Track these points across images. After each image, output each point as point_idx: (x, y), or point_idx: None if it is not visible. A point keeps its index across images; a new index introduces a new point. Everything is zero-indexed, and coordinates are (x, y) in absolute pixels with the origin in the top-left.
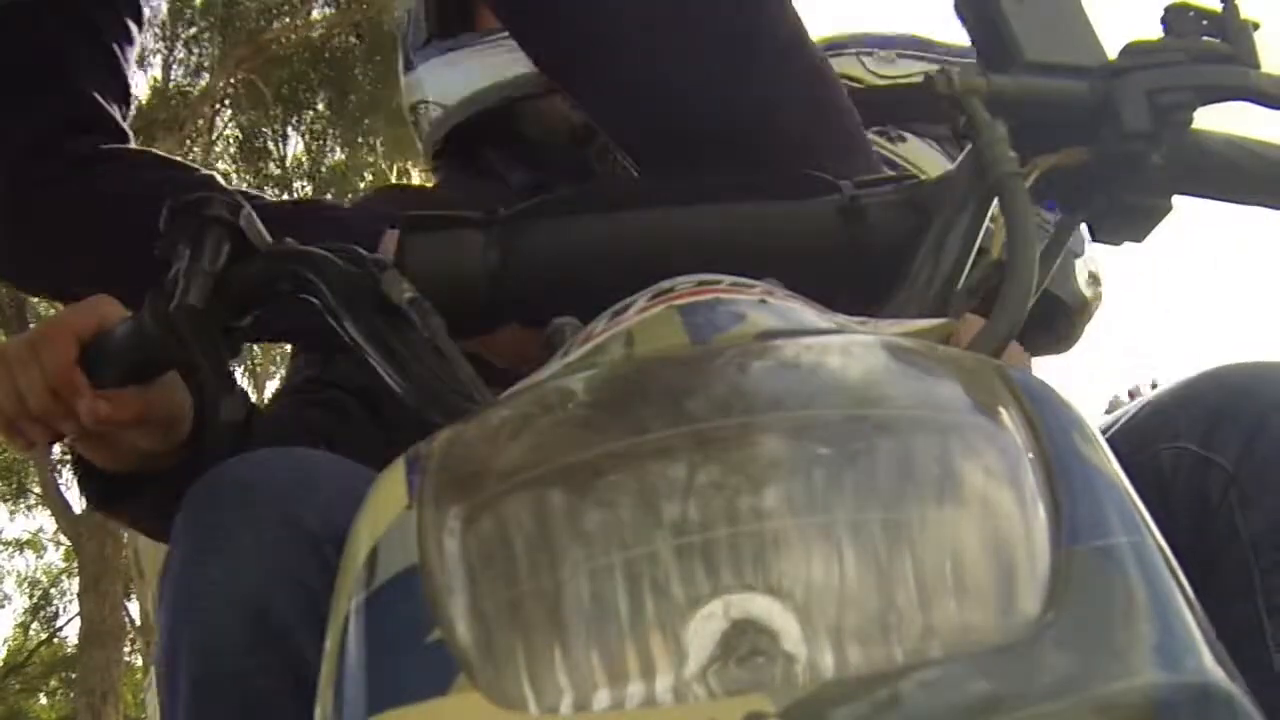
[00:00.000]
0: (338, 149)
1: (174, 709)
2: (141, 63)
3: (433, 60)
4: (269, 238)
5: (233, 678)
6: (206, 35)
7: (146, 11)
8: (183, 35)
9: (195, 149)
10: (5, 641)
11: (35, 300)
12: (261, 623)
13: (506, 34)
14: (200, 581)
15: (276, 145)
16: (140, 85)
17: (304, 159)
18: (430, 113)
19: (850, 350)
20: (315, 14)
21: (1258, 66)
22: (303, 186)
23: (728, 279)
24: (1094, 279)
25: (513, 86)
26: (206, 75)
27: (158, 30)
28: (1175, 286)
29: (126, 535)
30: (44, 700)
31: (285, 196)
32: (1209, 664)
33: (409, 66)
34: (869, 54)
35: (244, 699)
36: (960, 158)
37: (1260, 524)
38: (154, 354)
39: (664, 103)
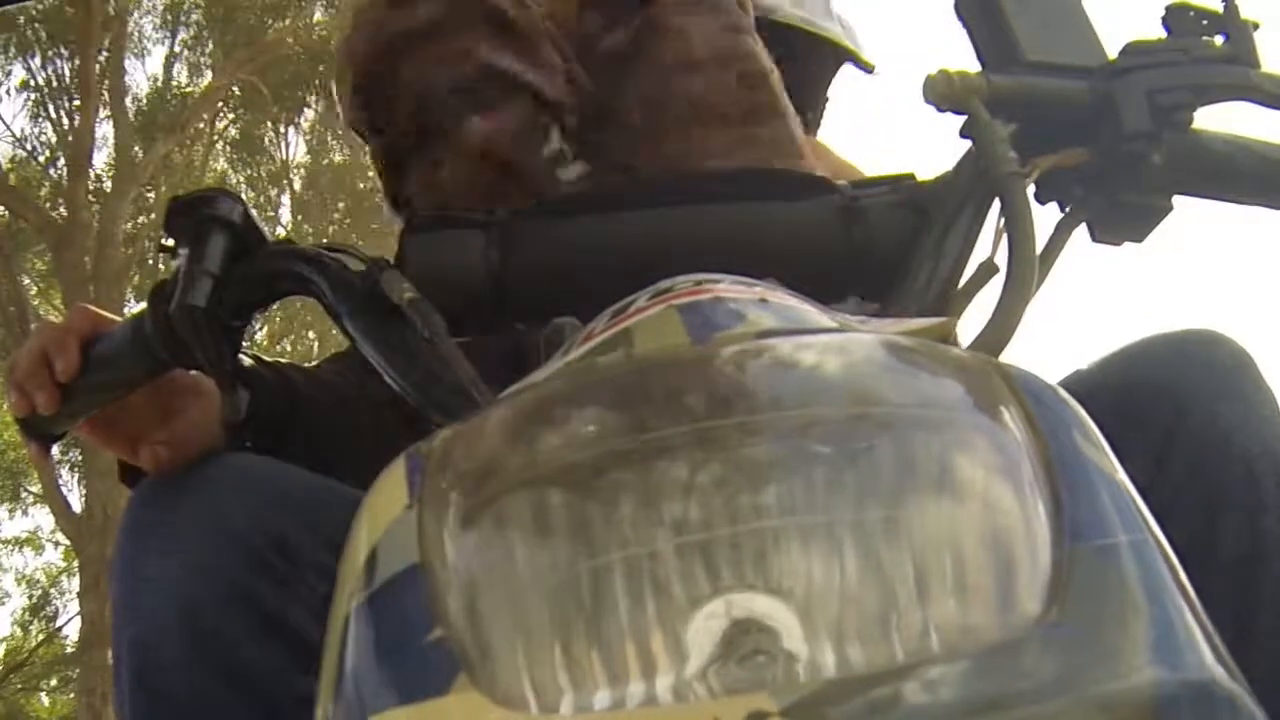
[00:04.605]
0: (337, 150)
1: (120, 701)
2: (141, 57)
3: None
4: (268, 236)
5: (167, 670)
6: (207, 35)
7: None
8: (183, 36)
9: (197, 147)
10: (3, 641)
11: (37, 302)
12: (193, 618)
13: None
14: (137, 579)
15: (277, 146)
16: (141, 85)
17: (304, 161)
18: None
19: (850, 349)
20: (318, 15)
21: (1258, 66)
22: (303, 188)
23: (727, 278)
24: None
25: None
26: (207, 76)
27: (158, 23)
28: (1172, 288)
29: None
30: (45, 700)
31: (286, 197)
32: (1210, 662)
33: None
34: None
35: (179, 691)
36: (960, 158)
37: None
38: (154, 354)
39: None
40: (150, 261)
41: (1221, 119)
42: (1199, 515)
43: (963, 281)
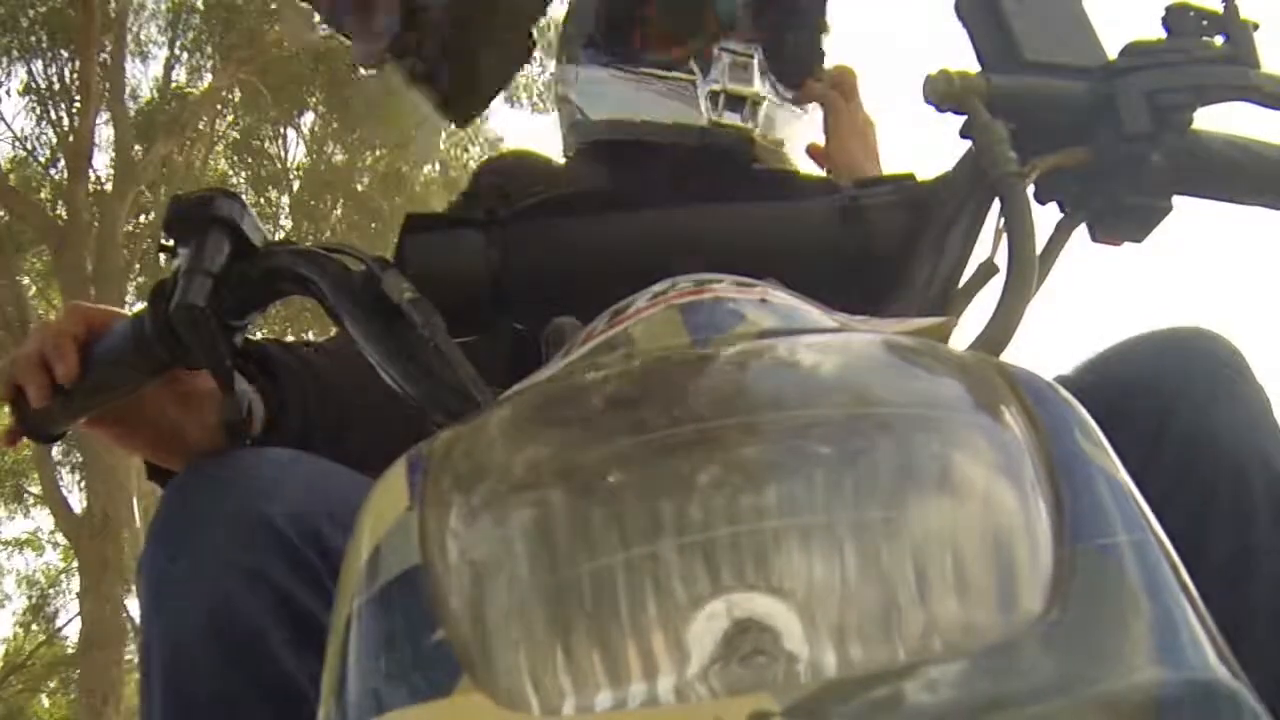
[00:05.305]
0: (338, 150)
1: (149, 702)
2: (144, 60)
3: (590, 67)
4: (269, 236)
5: (201, 670)
6: (206, 37)
7: None
8: (183, 38)
9: (198, 148)
10: (4, 641)
11: (36, 302)
12: (227, 617)
13: (659, 69)
14: (170, 577)
15: (277, 146)
16: (141, 85)
17: (304, 161)
18: (573, 114)
19: (850, 349)
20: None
21: (1258, 66)
22: (302, 188)
23: (728, 279)
24: None
25: (646, 128)
26: (208, 76)
27: (159, 24)
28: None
29: (126, 534)
30: (45, 701)
31: (285, 198)
32: (1212, 661)
33: (570, 58)
34: None
35: (212, 690)
36: (960, 158)
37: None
38: (154, 354)
39: None
40: (151, 262)
41: (1221, 119)
42: (1189, 516)
43: (963, 281)
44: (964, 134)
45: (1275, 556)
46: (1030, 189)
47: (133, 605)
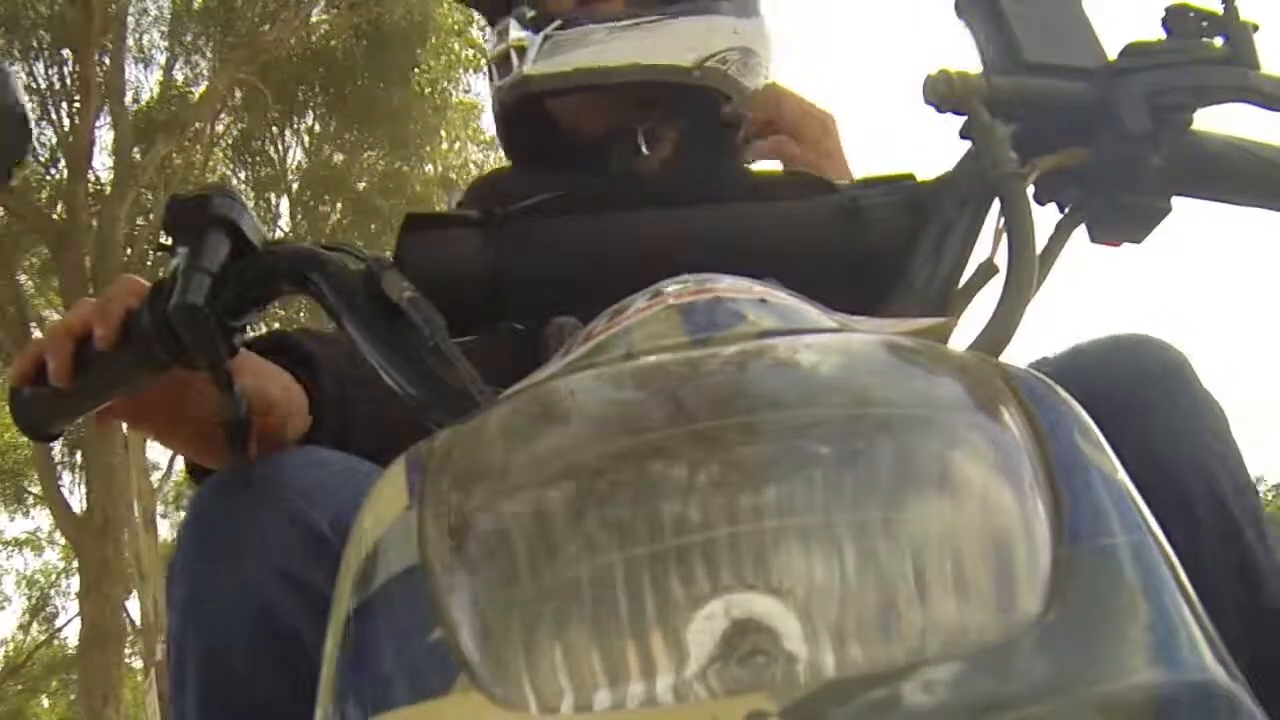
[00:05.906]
0: (337, 151)
1: (181, 708)
2: (146, 65)
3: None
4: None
5: (239, 678)
6: (204, 40)
7: None
8: (184, 40)
9: (197, 148)
10: (3, 642)
11: (36, 301)
12: (267, 624)
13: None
14: (207, 582)
15: (276, 148)
16: (142, 86)
17: (304, 162)
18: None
19: (850, 349)
20: (315, 16)
21: (1258, 67)
22: (301, 189)
23: (728, 279)
24: None
25: (537, 81)
26: (207, 78)
27: (161, 30)
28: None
29: (126, 534)
30: (45, 702)
31: (285, 199)
32: (1210, 662)
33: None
34: None
35: (250, 699)
36: (960, 158)
37: None
38: (152, 353)
39: None
40: (150, 263)
41: (1221, 119)
42: None
43: (963, 281)
44: (964, 134)
45: (1218, 562)
46: (1030, 189)
47: (133, 606)
